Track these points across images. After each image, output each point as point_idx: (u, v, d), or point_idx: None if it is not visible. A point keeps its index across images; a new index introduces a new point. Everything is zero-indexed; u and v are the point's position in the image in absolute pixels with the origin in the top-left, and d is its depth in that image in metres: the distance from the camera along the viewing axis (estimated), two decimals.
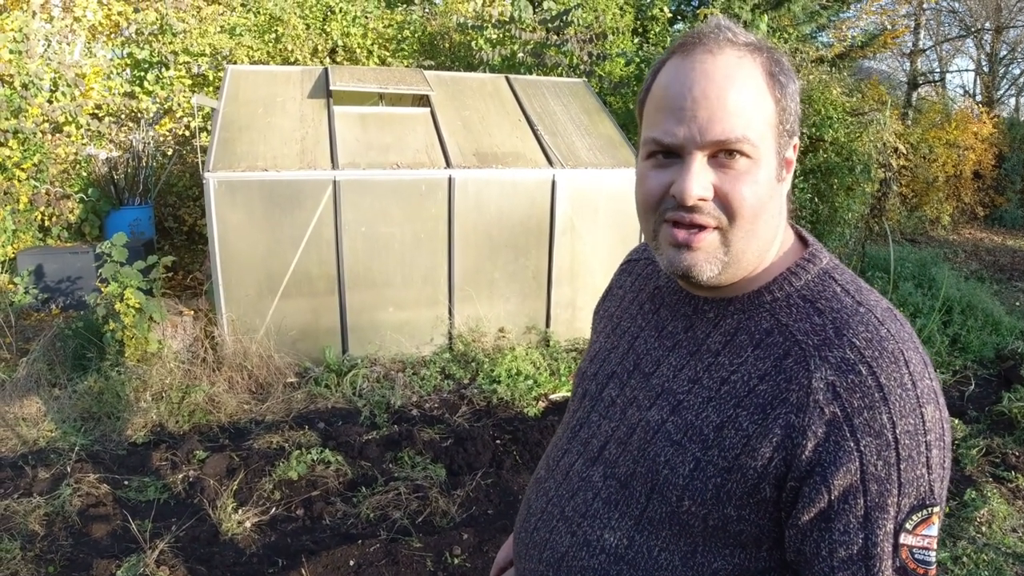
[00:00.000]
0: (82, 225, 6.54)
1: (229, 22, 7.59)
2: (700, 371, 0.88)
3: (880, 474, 0.75)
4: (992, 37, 15.33)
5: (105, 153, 6.68)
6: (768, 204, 0.84)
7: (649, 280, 1.06)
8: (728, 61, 0.80)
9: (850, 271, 0.89)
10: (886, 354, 0.77)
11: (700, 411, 0.86)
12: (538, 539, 1.02)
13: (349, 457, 3.62)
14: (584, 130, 5.70)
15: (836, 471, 0.76)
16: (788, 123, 0.85)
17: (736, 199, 0.81)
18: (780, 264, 0.89)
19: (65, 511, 3.01)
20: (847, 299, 0.83)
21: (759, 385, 0.82)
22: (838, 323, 0.80)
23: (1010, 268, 9.91)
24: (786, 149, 0.86)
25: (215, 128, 4.74)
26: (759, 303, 0.87)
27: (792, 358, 0.80)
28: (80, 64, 6.77)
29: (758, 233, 0.84)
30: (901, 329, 0.80)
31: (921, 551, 0.77)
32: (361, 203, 4.70)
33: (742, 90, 0.80)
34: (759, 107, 0.81)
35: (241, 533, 2.99)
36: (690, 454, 0.85)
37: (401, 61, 8.16)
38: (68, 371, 4.29)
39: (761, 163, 0.82)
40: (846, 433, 0.75)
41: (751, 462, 0.80)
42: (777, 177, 0.84)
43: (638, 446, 0.91)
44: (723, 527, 0.84)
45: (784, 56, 0.87)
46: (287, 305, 4.68)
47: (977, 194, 13.16)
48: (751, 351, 0.84)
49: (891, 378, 0.76)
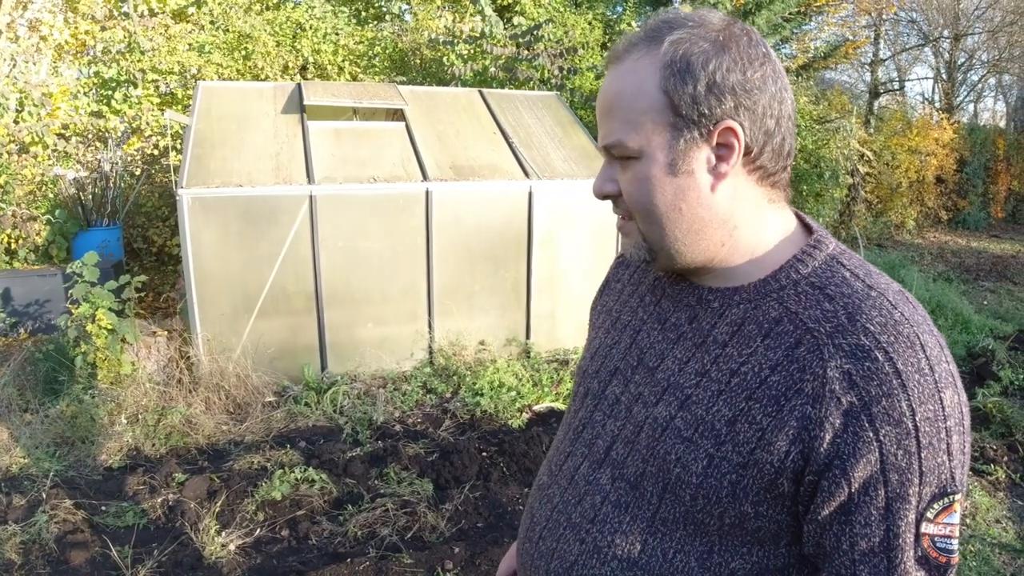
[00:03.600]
0: (49, 247, 6.39)
1: (198, 40, 7.52)
2: (708, 363, 0.85)
3: (901, 463, 0.73)
4: (951, 45, 15.78)
5: (72, 173, 6.55)
6: (664, 197, 0.83)
7: (648, 272, 1.03)
8: (623, 68, 0.84)
9: (858, 256, 0.87)
10: (902, 338, 0.75)
11: (710, 405, 0.83)
12: (544, 549, 0.98)
13: (333, 475, 3.56)
14: (558, 142, 5.73)
15: (856, 462, 0.73)
16: (693, 111, 0.80)
17: (627, 196, 0.87)
18: (785, 251, 0.87)
19: (42, 538, 2.91)
20: (857, 284, 0.81)
21: (771, 376, 0.79)
22: (850, 308, 0.78)
23: (976, 269, 10.15)
24: (695, 140, 0.81)
25: (187, 145, 4.67)
26: (766, 291, 0.84)
27: (804, 347, 0.78)
28: (46, 83, 6.65)
29: (664, 224, 0.85)
30: (915, 312, 0.78)
31: (943, 539, 0.75)
32: (338, 218, 4.66)
33: (623, 94, 0.83)
34: (642, 107, 0.82)
35: (225, 556, 2.92)
36: (702, 450, 0.82)
37: (372, 77, 8.14)
38: (39, 396, 4.16)
39: (648, 161, 0.83)
40: (864, 423, 0.73)
41: (767, 456, 0.77)
42: (671, 171, 0.82)
43: (647, 444, 0.88)
44: (740, 524, 0.82)
45: (710, 34, 0.81)
46: (264, 323, 4.61)
47: (940, 198, 13.49)
48: (760, 341, 0.82)
49: (908, 363, 0.74)
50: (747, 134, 0.81)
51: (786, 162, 0.86)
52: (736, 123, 0.80)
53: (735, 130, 0.81)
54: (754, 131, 0.81)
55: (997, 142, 14.55)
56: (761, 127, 0.82)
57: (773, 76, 0.83)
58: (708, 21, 0.83)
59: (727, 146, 0.82)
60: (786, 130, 0.84)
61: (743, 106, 0.80)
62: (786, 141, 0.85)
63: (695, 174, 0.82)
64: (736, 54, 0.80)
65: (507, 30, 7.65)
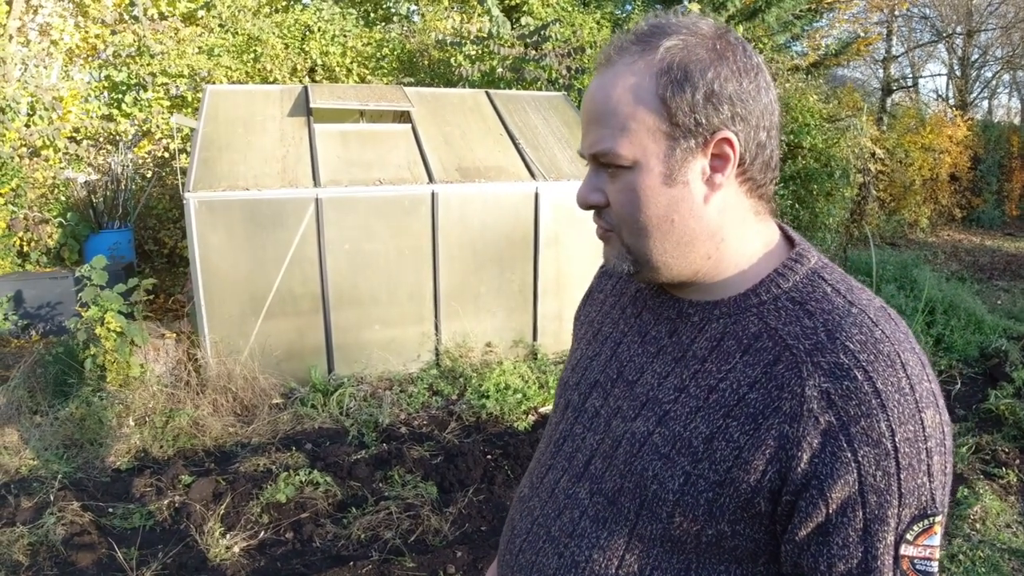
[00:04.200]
0: (61, 250, 6.46)
1: (207, 43, 7.56)
2: (686, 379, 0.84)
3: (879, 485, 0.72)
4: (964, 41, 15.62)
5: (84, 177, 6.62)
6: (657, 208, 0.81)
7: (630, 283, 1.01)
8: (614, 72, 0.81)
9: (840, 270, 0.86)
10: (882, 357, 0.73)
11: (688, 422, 0.81)
12: (524, 561, 0.98)
13: (338, 477, 3.58)
14: (565, 143, 5.72)
15: (833, 483, 0.72)
16: (691, 120, 0.78)
17: (615, 206, 0.84)
18: (766, 265, 0.85)
19: (49, 540, 2.94)
20: (838, 299, 0.79)
21: (749, 393, 0.78)
22: (830, 325, 0.76)
23: (989, 268, 10.05)
24: (691, 150, 0.80)
25: (195, 148, 4.70)
26: (746, 306, 0.83)
27: (783, 364, 0.76)
28: (57, 87, 6.71)
29: (653, 236, 0.83)
30: (896, 329, 0.77)
31: (923, 561, 0.75)
32: (344, 220, 4.68)
33: (614, 100, 0.81)
34: (635, 115, 0.79)
35: (229, 559, 2.94)
36: (679, 468, 0.81)
37: (380, 79, 8.16)
38: (49, 398, 4.21)
39: (642, 170, 0.81)
40: (843, 443, 0.72)
41: (744, 475, 0.76)
42: (666, 182, 0.80)
43: (624, 460, 0.86)
44: (717, 543, 0.80)
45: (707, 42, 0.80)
46: (271, 325, 4.63)
47: (954, 196, 13.36)
48: (739, 357, 0.80)
49: (888, 383, 0.72)
50: (742, 144, 0.80)
51: (773, 174, 0.85)
52: (732, 133, 0.79)
53: (731, 140, 0.79)
54: (748, 142, 0.81)
55: (1012, 139, 14.38)
56: (754, 138, 0.81)
57: (765, 87, 0.82)
58: (701, 29, 0.81)
59: (722, 156, 0.80)
60: (775, 142, 0.83)
61: (739, 116, 0.79)
62: (774, 153, 0.84)
63: (690, 185, 0.81)
64: (733, 64, 0.79)
65: (514, 30, 7.64)
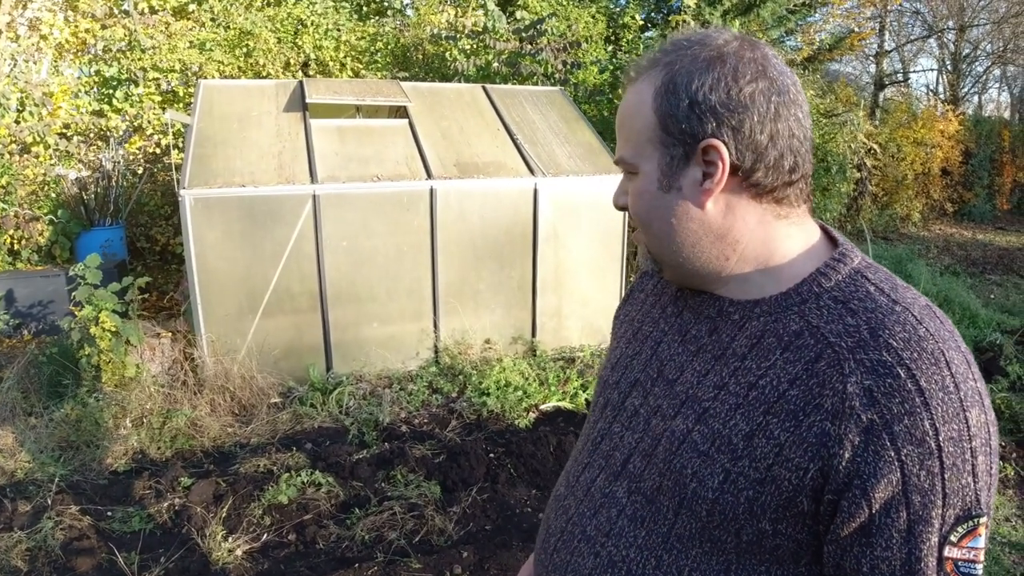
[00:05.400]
0: (52, 248, 6.37)
1: (199, 37, 7.47)
2: (726, 376, 0.84)
3: (923, 485, 0.71)
4: (956, 36, 15.67)
5: (75, 173, 6.52)
6: (657, 212, 0.87)
7: (671, 283, 1.02)
8: (633, 88, 0.89)
9: (885, 270, 0.85)
10: (925, 355, 0.73)
11: (727, 419, 0.81)
12: (559, 561, 0.97)
13: (340, 478, 3.54)
14: (563, 138, 5.68)
15: (876, 483, 0.72)
16: (677, 130, 0.83)
17: (631, 209, 0.92)
18: (806, 265, 0.85)
19: (48, 545, 2.88)
20: (882, 298, 0.79)
21: (790, 390, 0.77)
22: (873, 323, 0.76)
23: (982, 262, 10.09)
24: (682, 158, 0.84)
25: (189, 144, 4.64)
26: (787, 304, 0.83)
27: (825, 361, 0.76)
28: (47, 83, 6.61)
29: (660, 238, 0.89)
30: (941, 327, 0.76)
31: (967, 564, 0.73)
32: (342, 217, 4.63)
33: (627, 114, 0.89)
34: (640, 126, 0.86)
35: (232, 562, 2.89)
36: (719, 465, 0.80)
37: (374, 73, 8.09)
38: (44, 399, 4.15)
39: (644, 177, 0.87)
40: (886, 441, 0.71)
41: (785, 473, 0.76)
42: (661, 187, 0.86)
43: (663, 458, 0.87)
44: (758, 542, 0.80)
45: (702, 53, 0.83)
46: (268, 323, 4.58)
47: (946, 190, 13.42)
48: (780, 354, 0.80)
49: (932, 381, 0.72)
50: (732, 152, 0.81)
51: (789, 177, 0.84)
52: (719, 141, 0.81)
53: (718, 148, 0.81)
54: (740, 148, 0.81)
55: (1003, 133, 14.46)
56: (749, 144, 0.81)
57: (766, 92, 0.82)
58: (708, 41, 0.84)
59: (712, 163, 0.82)
60: (786, 146, 0.83)
61: (726, 124, 0.81)
62: (786, 158, 0.83)
63: (683, 191, 0.85)
64: (720, 72, 0.81)
65: (510, 24, 7.59)
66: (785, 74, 0.84)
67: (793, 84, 0.84)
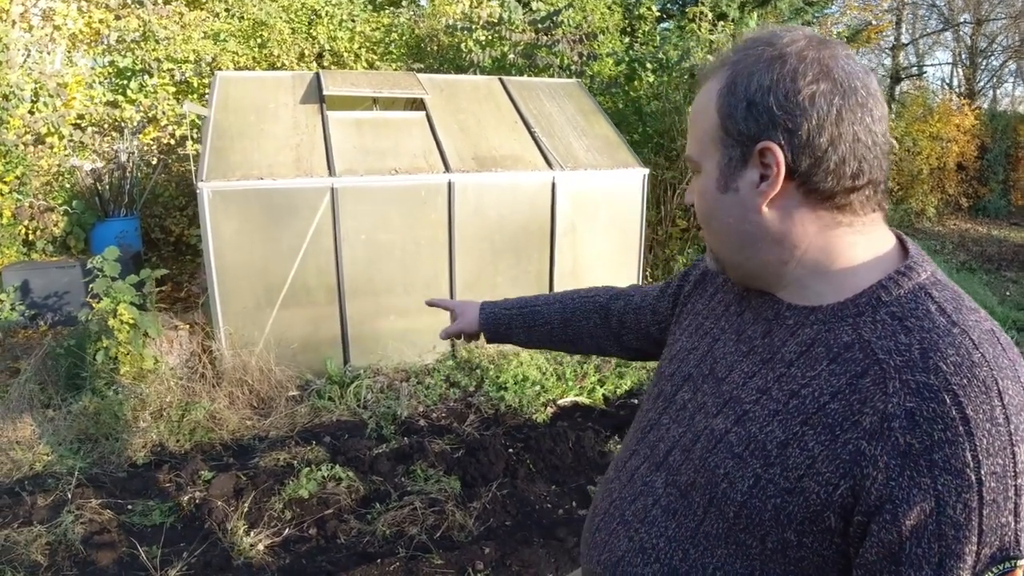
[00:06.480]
0: (67, 238, 6.37)
1: (213, 28, 7.44)
2: (770, 381, 0.83)
3: (958, 518, 0.68)
4: (972, 30, 15.49)
5: (89, 164, 6.51)
6: (716, 212, 0.87)
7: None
8: (704, 88, 0.89)
9: (955, 289, 0.80)
10: (976, 382, 0.69)
11: (764, 424, 0.81)
12: (599, 540, 1.01)
13: (360, 472, 3.52)
14: (581, 131, 5.63)
15: (909, 510, 0.69)
16: (735, 131, 0.82)
17: (695, 207, 0.93)
18: (870, 275, 0.82)
19: (68, 539, 2.88)
20: (941, 318, 0.75)
21: (830, 403, 0.76)
22: (926, 344, 0.73)
23: (998, 258, 9.98)
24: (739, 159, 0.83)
25: (206, 136, 4.61)
26: (842, 315, 0.81)
27: (870, 378, 0.74)
28: (61, 73, 6.60)
29: (718, 237, 0.90)
30: (1001, 355, 0.72)
31: None
32: (360, 210, 4.60)
33: (695, 113, 0.89)
34: (705, 125, 0.86)
35: (255, 556, 2.88)
36: (750, 469, 0.80)
37: (389, 64, 8.05)
38: (61, 391, 4.14)
39: (706, 176, 0.88)
40: (923, 468, 0.68)
41: (814, 487, 0.75)
42: (719, 187, 0.86)
43: (700, 455, 0.88)
44: (782, 551, 0.79)
45: (766, 53, 0.82)
46: (286, 316, 4.57)
47: (961, 185, 13.28)
48: (826, 365, 0.78)
49: (980, 410, 0.68)
50: (788, 155, 0.79)
51: (852, 183, 0.80)
52: (774, 143, 0.80)
53: (773, 150, 0.80)
54: (797, 152, 0.79)
55: (1018, 128, 14.27)
56: (806, 148, 0.79)
57: (828, 94, 0.78)
58: (774, 41, 0.82)
59: (768, 166, 0.81)
60: (849, 151, 0.79)
61: (782, 126, 0.79)
62: (848, 163, 0.79)
63: (740, 192, 0.84)
64: (778, 74, 0.79)
65: (526, 15, 7.53)
66: (855, 76, 0.80)
67: (864, 87, 0.80)
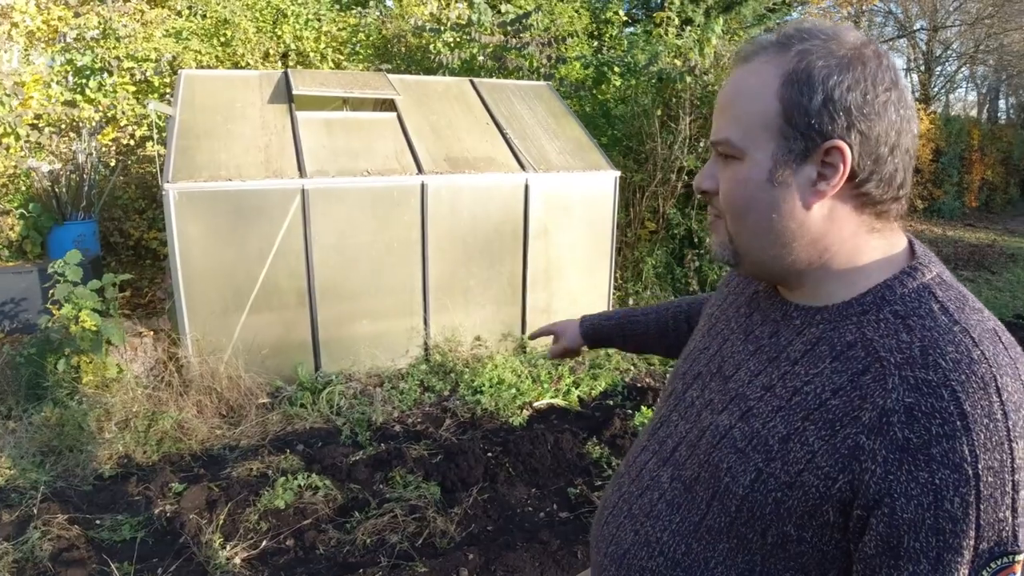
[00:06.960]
0: (23, 242, 6.13)
1: (175, 26, 7.26)
2: (775, 379, 0.85)
3: (956, 512, 0.69)
4: (928, 36, 15.93)
5: (47, 166, 6.29)
6: (758, 204, 0.83)
7: (751, 282, 1.02)
8: (749, 68, 0.84)
9: (959, 289, 0.82)
10: (974, 378, 0.71)
11: (767, 420, 0.83)
12: (607, 533, 1.02)
13: (337, 480, 3.45)
14: (552, 133, 5.63)
15: (907, 504, 0.70)
16: (804, 124, 0.79)
17: (723, 195, 0.87)
18: (877, 275, 0.83)
19: (35, 556, 2.75)
20: (943, 317, 0.77)
21: (831, 399, 0.77)
22: (926, 342, 0.75)
23: (954, 259, 10.27)
24: (800, 153, 0.80)
25: (171, 136, 4.48)
26: (847, 314, 0.82)
27: (871, 375, 0.75)
28: (18, 72, 6.36)
29: (752, 230, 0.86)
30: (1002, 353, 0.74)
31: None
32: (331, 212, 4.52)
33: (741, 94, 0.84)
34: (755, 109, 0.82)
35: (232, 570, 2.80)
36: (752, 464, 0.82)
37: (355, 65, 7.95)
38: (22, 401, 3.98)
39: (750, 164, 0.83)
40: (920, 463, 0.70)
41: (813, 480, 0.76)
42: (770, 179, 0.82)
43: (704, 451, 0.90)
44: (782, 545, 0.80)
45: (840, 50, 0.79)
46: (255, 321, 4.46)
47: (916, 187, 13.64)
48: (829, 363, 0.80)
49: (977, 406, 0.69)
50: (855, 157, 0.79)
51: (896, 193, 0.83)
52: (846, 144, 0.78)
53: (843, 151, 0.79)
54: (863, 156, 0.79)
55: (972, 132, 14.76)
56: (872, 153, 0.79)
57: (896, 104, 0.80)
58: (841, 37, 0.81)
59: (832, 166, 0.80)
60: (900, 162, 0.81)
61: (856, 128, 0.78)
62: (898, 173, 0.82)
63: (792, 187, 0.82)
64: (860, 74, 0.78)
65: (495, 17, 7.50)
66: (908, 89, 0.82)
67: (913, 101, 0.83)
